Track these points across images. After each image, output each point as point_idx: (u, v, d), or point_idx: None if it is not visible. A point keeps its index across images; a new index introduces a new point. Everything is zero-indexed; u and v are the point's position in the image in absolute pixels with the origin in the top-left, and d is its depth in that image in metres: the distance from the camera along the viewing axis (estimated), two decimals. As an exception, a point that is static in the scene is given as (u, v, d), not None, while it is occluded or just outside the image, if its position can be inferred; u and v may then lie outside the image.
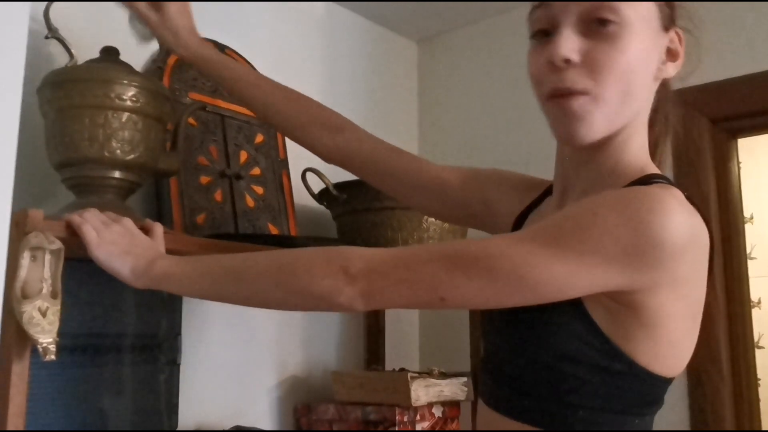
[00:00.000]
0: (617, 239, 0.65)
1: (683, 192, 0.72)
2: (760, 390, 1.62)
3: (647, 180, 0.75)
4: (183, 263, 0.88)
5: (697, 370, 1.51)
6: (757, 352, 1.68)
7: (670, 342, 0.72)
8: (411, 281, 0.71)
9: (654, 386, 0.73)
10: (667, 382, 0.74)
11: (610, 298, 0.69)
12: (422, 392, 1.44)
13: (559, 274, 0.66)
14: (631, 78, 0.75)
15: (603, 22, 0.74)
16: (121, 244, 0.91)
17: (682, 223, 0.66)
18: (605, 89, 0.74)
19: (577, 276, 0.66)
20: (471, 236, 1.61)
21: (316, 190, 1.53)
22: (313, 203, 1.56)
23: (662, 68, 0.80)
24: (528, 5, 0.81)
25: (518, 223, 0.89)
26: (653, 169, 0.79)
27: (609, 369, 0.70)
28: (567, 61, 0.74)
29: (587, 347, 0.70)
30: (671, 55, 0.81)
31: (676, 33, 0.81)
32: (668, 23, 0.80)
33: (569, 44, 0.74)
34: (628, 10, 0.75)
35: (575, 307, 0.70)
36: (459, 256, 0.70)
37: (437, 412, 1.49)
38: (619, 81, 0.74)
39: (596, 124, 0.75)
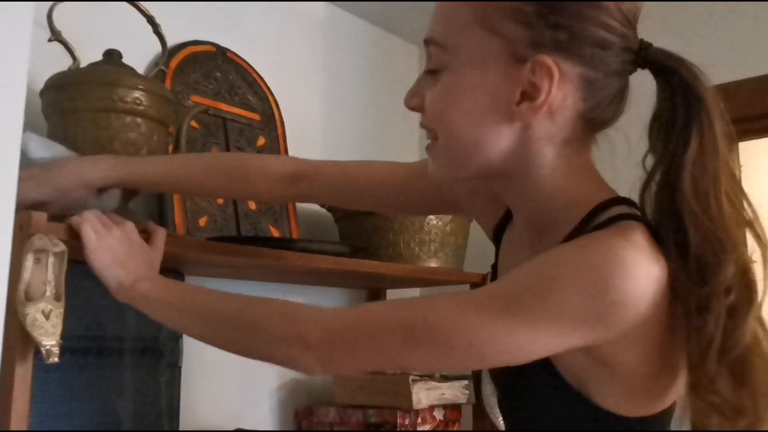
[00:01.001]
0: (578, 305, 0.63)
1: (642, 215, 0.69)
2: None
3: (602, 211, 0.69)
4: (163, 290, 0.88)
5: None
6: (758, 355, 1.67)
7: (648, 388, 0.69)
8: (368, 352, 0.71)
9: (648, 424, 0.70)
10: (662, 416, 0.71)
11: (581, 353, 0.67)
12: (423, 395, 1.44)
13: (519, 342, 0.65)
14: (457, 122, 0.70)
15: (432, 72, 0.72)
16: (116, 252, 0.91)
17: (644, 277, 0.63)
18: (438, 132, 0.73)
19: (538, 342, 0.65)
20: (473, 234, 1.61)
21: (317, 193, 1.53)
22: (314, 206, 1.56)
23: (516, 111, 0.68)
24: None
25: (497, 238, 0.87)
26: (605, 193, 0.72)
27: (594, 424, 0.69)
28: (412, 109, 0.75)
29: (568, 412, 0.70)
30: (532, 91, 0.67)
31: (541, 63, 0.66)
32: (526, 51, 0.66)
33: (410, 92, 0.75)
34: (452, 53, 0.70)
35: (548, 372, 0.69)
36: (415, 329, 0.67)
37: (438, 415, 1.49)
38: (444, 124, 0.72)
39: (439, 163, 0.76)
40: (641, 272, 0.63)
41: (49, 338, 0.87)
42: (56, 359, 0.86)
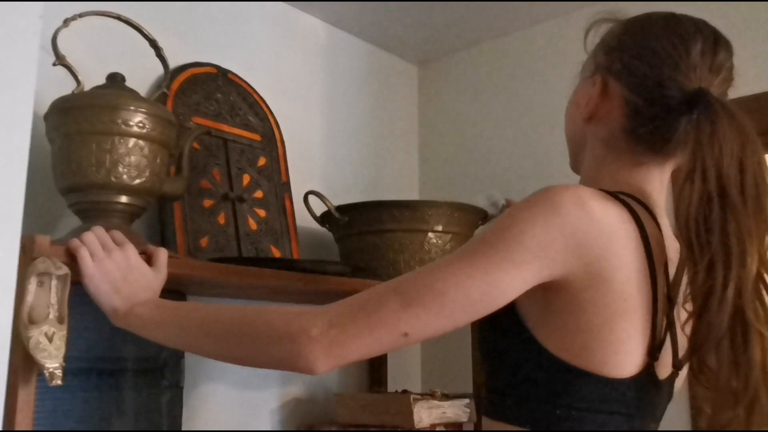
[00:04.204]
0: (532, 234, 0.73)
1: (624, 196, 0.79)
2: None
3: None
4: (160, 312, 0.90)
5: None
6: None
7: (600, 338, 0.74)
8: (371, 326, 0.74)
9: (598, 386, 0.75)
10: (615, 382, 0.75)
11: (542, 294, 0.75)
12: (425, 414, 1.44)
13: (496, 281, 0.73)
14: (566, 126, 0.94)
15: None
16: (113, 278, 0.92)
17: (587, 211, 0.73)
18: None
19: (512, 277, 0.73)
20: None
21: (318, 213, 1.54)
22: (315, 225, 1.57)
23: (582, 111, 0.89)
24: (528, 27, 0.87)
25: None
26: (621, 186, 0.83)
27: (548, 369, 0.76)
28: None
29: (524, 352, 0.77)
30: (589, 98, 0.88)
31: (594, 79, 0.87)
32: (599, 71, 0.87)
33: None
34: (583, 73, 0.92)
35: (510, 318, 0.78)
36: (409, 290, 0.74)
37: (440, 434, 1.49)
38: (565, 129, 0.95)
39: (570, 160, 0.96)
40: (584, 206, 0.73)
41: (53, 361, 0.87)
42: (59, 382, 0.87)
